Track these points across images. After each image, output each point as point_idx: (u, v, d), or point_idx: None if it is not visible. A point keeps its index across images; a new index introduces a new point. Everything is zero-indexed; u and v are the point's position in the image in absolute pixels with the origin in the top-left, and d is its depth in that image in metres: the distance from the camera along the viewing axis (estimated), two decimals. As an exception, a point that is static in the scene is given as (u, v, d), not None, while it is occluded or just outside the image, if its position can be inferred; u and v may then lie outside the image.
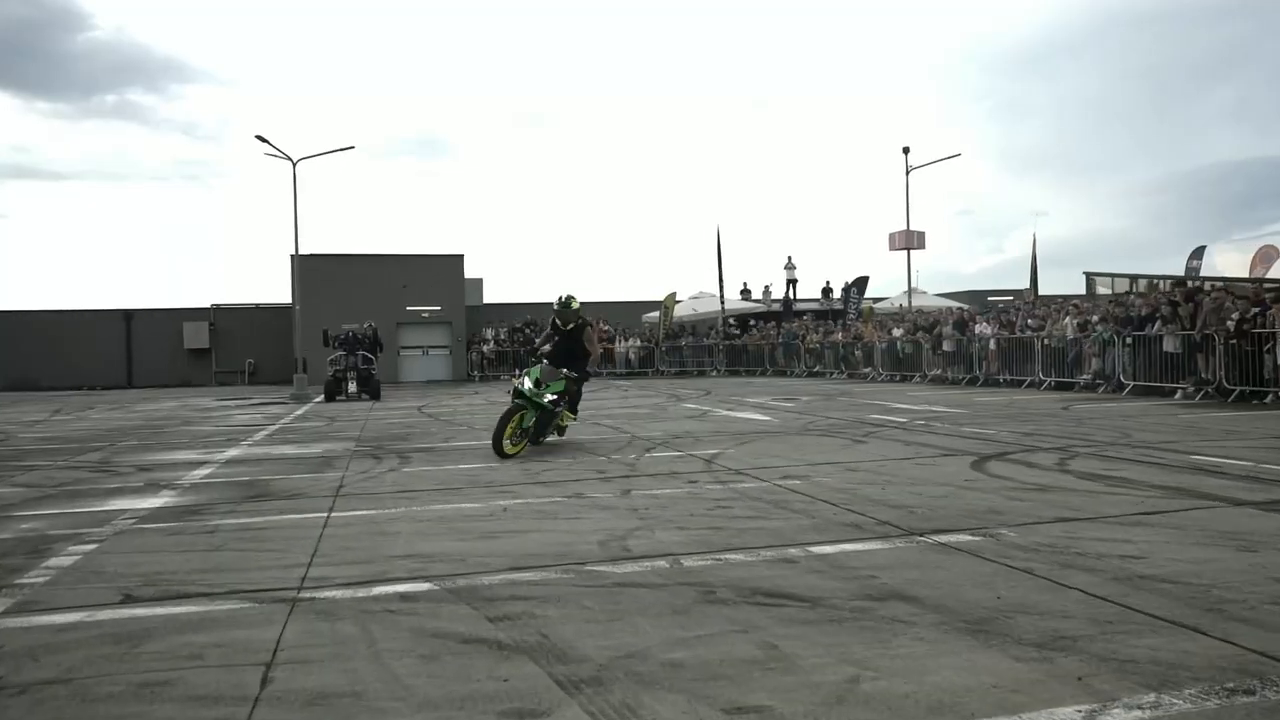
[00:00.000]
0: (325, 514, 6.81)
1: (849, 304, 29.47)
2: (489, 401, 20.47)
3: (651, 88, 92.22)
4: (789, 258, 37.56)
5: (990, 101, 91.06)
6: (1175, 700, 3.01)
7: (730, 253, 32.63)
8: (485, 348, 34.39)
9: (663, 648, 3.64)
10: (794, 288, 37.03)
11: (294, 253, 27.34)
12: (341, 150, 27.51)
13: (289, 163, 26.29)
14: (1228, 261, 35.44)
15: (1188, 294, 16.44)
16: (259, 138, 25.15)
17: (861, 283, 29.95)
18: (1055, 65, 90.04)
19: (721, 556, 5.14)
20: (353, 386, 22.51)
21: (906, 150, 29.11)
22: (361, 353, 22.84)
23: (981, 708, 3.00)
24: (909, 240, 29.28)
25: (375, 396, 22.45)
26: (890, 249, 30.04)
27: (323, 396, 22.81)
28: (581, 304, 11.10)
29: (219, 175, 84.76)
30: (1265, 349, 14.57)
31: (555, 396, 9.97)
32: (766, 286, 38.39)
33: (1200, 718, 2.89)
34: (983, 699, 3.07)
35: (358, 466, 9.54)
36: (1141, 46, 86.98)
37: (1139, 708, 2.96)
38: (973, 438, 10.63)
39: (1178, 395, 16.15)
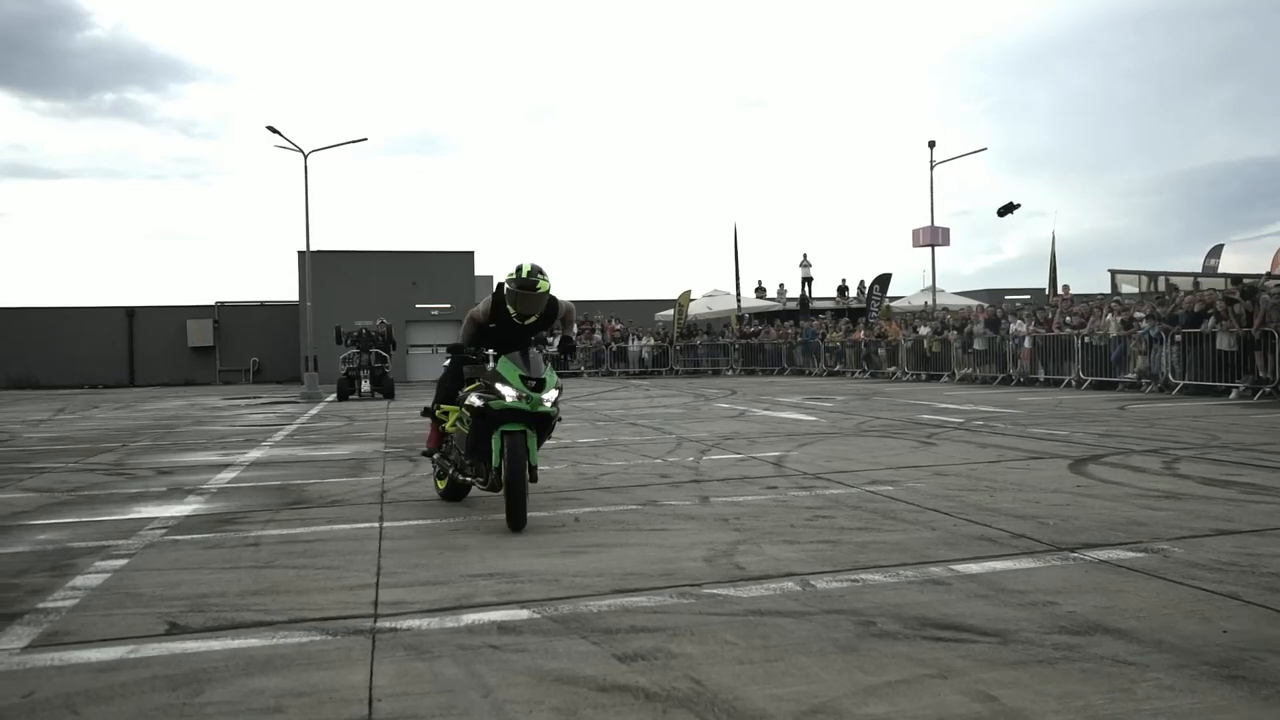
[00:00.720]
0: (377, 524, 6.12)
1: (871, 301, 28.77)
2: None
3: (660, 85, 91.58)
4: (804, 255, 36.93)
5: (988, 101, 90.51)
6: None
7: (743, 251, 32.05)
8: (495, 346, 33.63)
9: (854, 699, 2.95)
10: (809, 286, 36.36)
11: (305, 248, 26.61)
12: (354, 142, 26.84)
13: (300, 155, 25.56)
14: (1224, 263, 35.07)
15: (1245, 290, 15.77)
16: (270, 128, 24.47)
17: (884, 280, 29.25)
18: (1053, 65, 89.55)
19: (856, 577, 4.44)
20: (366, 385, 21.78)
21: (932, 144, 28.44)
22: (375, 350, 22.12)
23: (1321, 791, 2.31)
24: (934, 237, 28.59)
25: (389, 395, 21.75)
26: (914, 245, 29.33)
27: (334, 395, 22.10)
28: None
29: (218, 173, 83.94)
30: (1332, 346, 13.89)
31: (556, 393, 6.05)
32: (781, 285, 37.74)
33: None
34: (1310, 777, 2.38)
35: (395, 469, 8.84)
36: (1140, 46, 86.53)
37: None
38: (1047, 439, 9.94)
39: (1232, 395, 15.48)
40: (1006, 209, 27.52)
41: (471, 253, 34.63)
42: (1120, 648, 3.36)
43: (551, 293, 6.40)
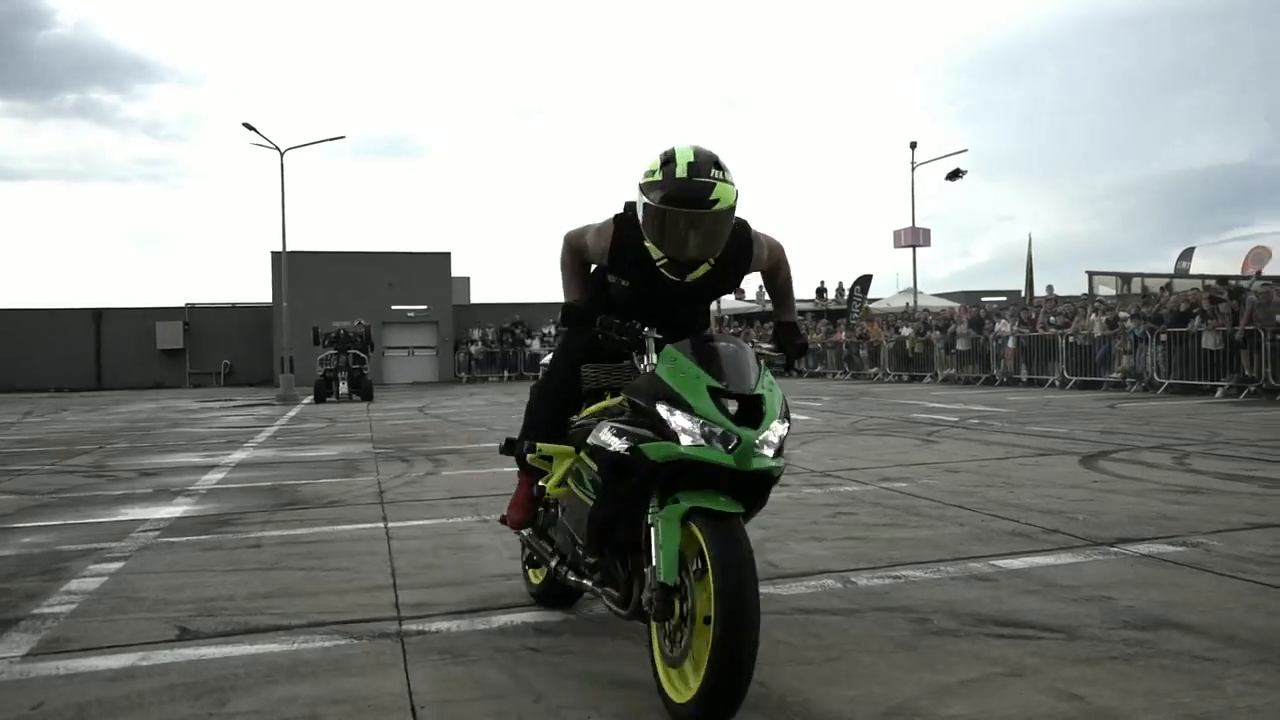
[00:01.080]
0: (381, 524, 5.89)
1: (853, 302, 28.78)
2: (491, 403, 19.52)
3: (643, 86, 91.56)
4: (782, 257, 36.85)
5: (963, 105, 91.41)
6: None
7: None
8: (473, 348, 33.34)
9: (931, 699, 2.78)
10: (788, 287, 36.34)
11: (281, 248, 26.15)
12: (331, 140, 26.41)
13: (275, 154, 25.13)
14: (1194, 265, 35.60)
15: (1233, 290, 15.86)
16: (246, 125, 24.00)
17: (865, 281, 29.30)
18: (1026, 71, 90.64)
19: (896, 573, 4.28)
20: (344, 387, 21.46)
21: (914, 145, 28.52)
22: (353, 352, 21.80)
23: None
24: (915, 238, 28.65)
25: (367, 397, 21.42)
26: (895, 246, 29.41)
27: (311, 397, 21.73)
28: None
29: (186, 175, 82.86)
30: (1318, 345, 13.99)
31: (785, 427, 2.77)
32: (760, 286, 37.66)
33: None
34: None
35: (389, 470, 8.59)
36: (1111, 54, 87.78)
37: None
38: (1048, 436, 9.87)
39: (1218, 394, 15.55)
40: (954, 174, 28.38)
41: (449, 254, 34.36)
42: (1193, 643, 3.22)
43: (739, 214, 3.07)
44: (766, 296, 27.94)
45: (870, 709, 2.73)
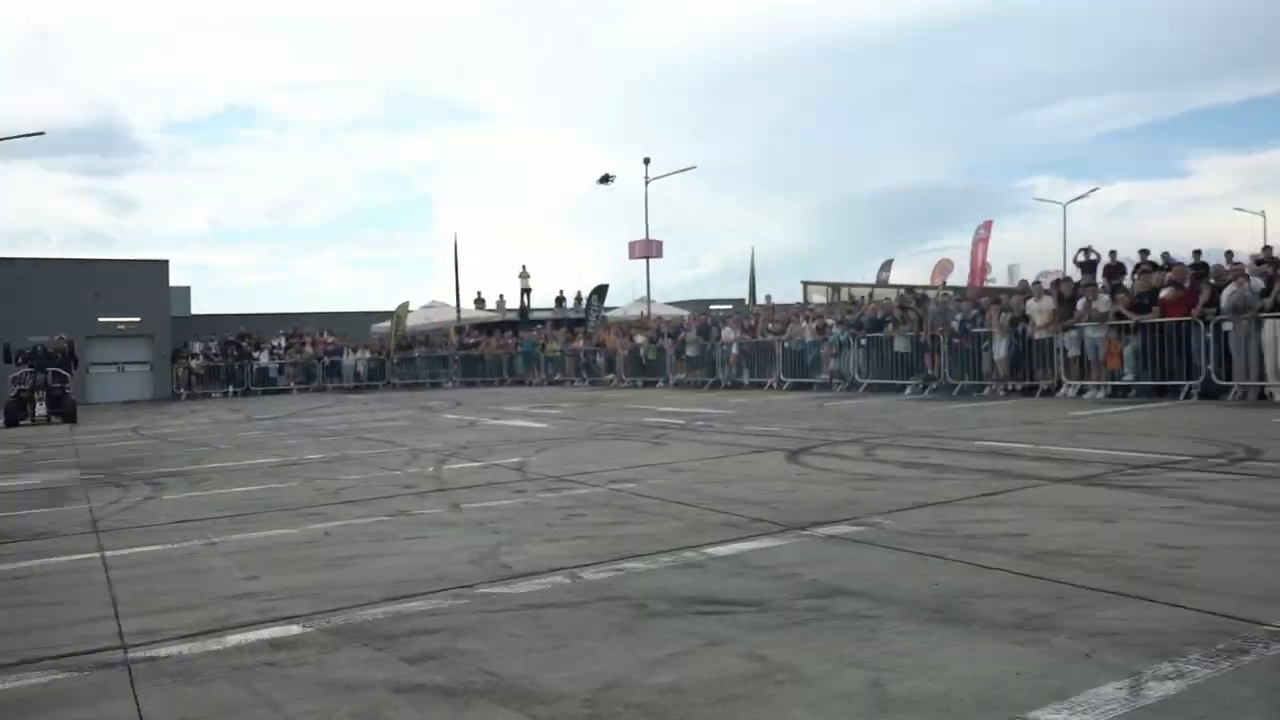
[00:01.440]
0: (97, 554, 5.59)
1: (590, 311, 29.68)
2: (215, 420, 18.46)
3: (376, 94, 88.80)
4: (523, 266, 37.35)
5: (685, 125, 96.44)
6: (1192, 667, 2.97)
7: (463, 262, 32.05)
8: (194, 363, 31.16)
9: (642, 672, 3.16)
10: (528, 296, 36.83)
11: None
12: (26, 136, 23.78)
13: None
14: (893, 275, 40.19)
15: (919, 300, 17.98)
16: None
17: (602, 290, 30.30)
18: (745, 92, 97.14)
19: (619, 566, 4.69)
20: (42, 408, 19.48)
21: (647, 161, 29.94)
22: (52, 369, 19.83)
23: (1029, 697, 2.80)
24: (649, 249, 30.06)
25: (70, 419, 19.56)
26: (630, 257, 30.76)
27: (1, 421, 19.51)
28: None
29: None
30: (984, 347, 16.20)
31: None
32: (500, 295, 37.93)
33: (1225, 680, 2.86)
34: (1019, 688, 2.88)
35: (102, 496, 8.04)
36: (825, 81, 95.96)
37: (1168, 678, 2.89)
38: (763, 435, 10.83)
39: (907, 391, 17.58)
40: (604, 179, 31.07)
41: (166, 261, 31.92)
42: (858, 605, 3.83)
43: None
44: (507, 306, 28.02)
45: (588, 684, 3.07)
